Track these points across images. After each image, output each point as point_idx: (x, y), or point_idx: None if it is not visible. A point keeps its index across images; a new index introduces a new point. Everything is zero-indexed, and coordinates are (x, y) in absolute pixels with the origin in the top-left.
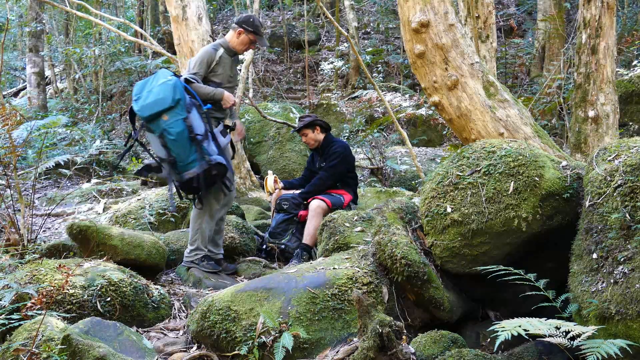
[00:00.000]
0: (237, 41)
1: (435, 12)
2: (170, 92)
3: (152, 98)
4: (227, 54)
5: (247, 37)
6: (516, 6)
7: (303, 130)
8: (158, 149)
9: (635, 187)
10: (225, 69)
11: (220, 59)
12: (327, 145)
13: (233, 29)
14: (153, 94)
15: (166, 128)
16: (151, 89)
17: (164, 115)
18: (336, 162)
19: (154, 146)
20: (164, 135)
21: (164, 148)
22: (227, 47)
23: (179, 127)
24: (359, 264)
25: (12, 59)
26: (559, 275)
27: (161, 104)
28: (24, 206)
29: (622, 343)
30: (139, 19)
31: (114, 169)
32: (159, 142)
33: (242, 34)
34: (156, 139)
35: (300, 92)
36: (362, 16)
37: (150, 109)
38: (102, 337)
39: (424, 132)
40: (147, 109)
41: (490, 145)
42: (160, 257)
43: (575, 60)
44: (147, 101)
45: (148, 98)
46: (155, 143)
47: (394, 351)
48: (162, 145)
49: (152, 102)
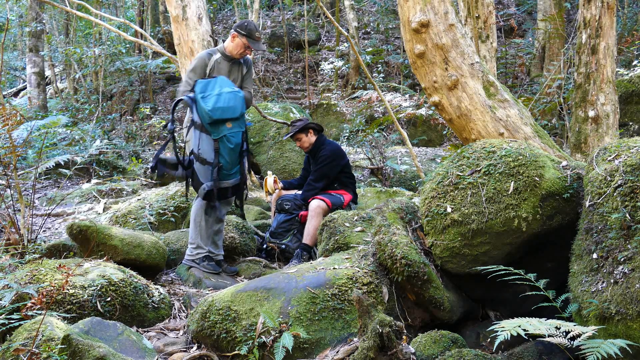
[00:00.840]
0: (232, 45)
1: (435, 12)
2: (240, 103)
3: (223, 103)
4: (225, 59)
5: (240, 41)
6: (516, 6)
7: (297, 135)
8: (206, 151)
9: (636, 187)
10: (220, 74)
11: (215, 64)
12: (318, 148)
13: (229, 37)
14: (224, 100)
15: (227, 135)
16: (220, 93)
17: (229, 123)
18: (322, 166)
19: (202, 147)
20: (223, 141)
21: (214, 152)
22: (224, 52)
23: (239, 138)
24: (359, 264)
25: (12, 59)
26: (559, 275)
27: (232, 112)
28: (24, 206)
29: (622, 343)
30: (139, 19)
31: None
32: (212, 145)
33: (236, 37)
34: (210, 141)
35: (300, 92)
36: (362, 16)
37: (222, 112)
38: (102, 337)
39: (424, 132)
40: (218, 112)
41: (491, 145)
42: (160, 257)
43: (575, 60)
44: (218, 104)
45: (219, 102)
46: (206, 145)
47: (394, 351)
48: (214, 148)
49: (224, 107)
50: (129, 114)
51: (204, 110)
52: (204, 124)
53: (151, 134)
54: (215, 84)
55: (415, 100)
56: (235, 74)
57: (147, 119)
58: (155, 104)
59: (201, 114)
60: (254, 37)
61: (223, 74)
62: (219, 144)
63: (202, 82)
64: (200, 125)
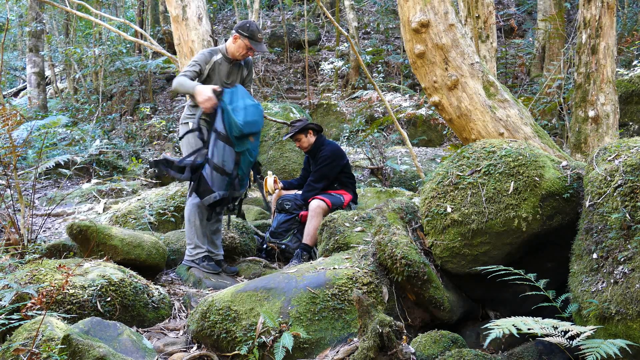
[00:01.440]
0: (234, 47)
1: (435, 12)
2: (262, 117)
3: (251, 117)
4: (225, 60)
5: (242, 42)
6: (516, 6)
7: (297, 136)
8: (228, 162)
9: (636, 187)
10: (220, 75)
11: (215, 64)
12: (317, 148)
13: (231, 35)
14: (251, 113)
15: (250, 149)
16: (246, 106)
17: (251, 137)
18: (322, 167)
19: (224, 157)
20: (245, 154)
21: (234, 164)
22: (225, 53)
23: (257, 151)
24: (359, 264)
25: (12, 59)
26: (559, 275)
27: (256, 126)
28: (24, 206)
29: (622, 343)
30: (139, 19)
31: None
32: (233, 157)
33: (238, 39)
34: (232, 153)
35: (300, 92)
36: (362, 16)
37: (250, 126)
38: (102, 337)
39: (424, 132)
40: (248, 126)
41: (491, 145)
42: (160, 257)
43: (575, 60)
44: (248, 118)
45: (247, 115)
46: (228, 156)
47: (394, 351)
48: (234, 160)
49: (251, 121)
50: (129, 114)
51: (235, 123)
52: (231, 135)
53: (151, 134)
54: (239, 95)
55: (415, 100)
56: (235, 75)
57: (147, 119)
58: (155, 104)
59: (231, 126)
60: (256, 39)
61: (222, 75)
62: (240, 157)
63: (229, 92)
64: (225, 137)
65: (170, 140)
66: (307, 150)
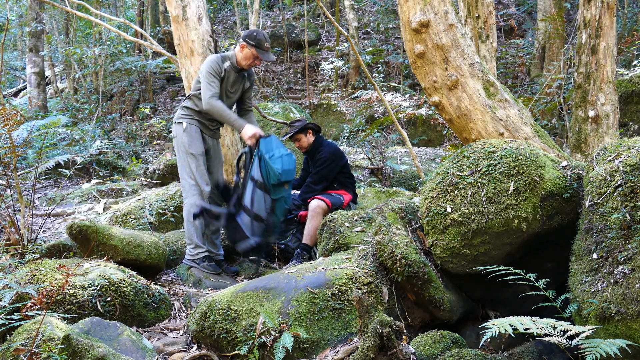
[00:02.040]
0: (242, 56)
1: (435, 12)
2: (294, 166)
3: (287, 166)
4: (233, 69)
5: (249, 51)
6: (516, 6)
7: (296, 136)
8: (262, 209)
9: (636, 187)
10: (227, 84)
11: (226, 72)
12: (316, 148)
13: (238, 44)
14: (286, 163)
15: (285, 196)
16: (282, 155)
17: (286, 185)
18: (321, 168)
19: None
20: (281, 201)
21: (270, 211)
22: (234, 61)
23: (291, 198)
24: (359, 264)
25: (12, 59)
26: (559, 275)
27: (291, 175)
28: (24, 206)
29: (622, 343)
30: (139, 19)
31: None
32: (269, 204)
33: (245, 48)
34: (268, 199)
35: (300, 92)
36: (362, 16)
37: (287, 175)
38: (102, 337)
39: (424, 132)
40: (285, 175)
41: (491, 145)
42: (160, 257)
43: (575, 60)
44: (285, 167)
45: (284, 165)
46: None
47: (394, 351)
48: (270, 207)
49: (288, 169)
50: (129, 114)
51: (274, 171)
52: (268, 183)
53: (151, 134)
54: (273, 145)
55: (415, 100)
56: (238, 85)
57: (147, 119)
58: (155, 104)
59: (269, 174)
60: (264, 48)
61: (229, 83)
62: (276, 204)
63: (264, 142)
64: (262, 184)
65: (170, 140)
66: (305, 150)
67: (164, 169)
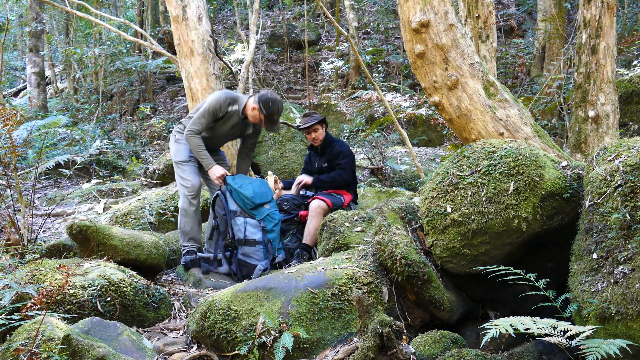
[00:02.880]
0: (251, 113)
1: (435, 12)
2: (268, 188)
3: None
4: (238, 114)
5: (259, 115)
6: (516, 6)
7: (315, 126)
8: (255, 232)
9: (636, 187)
10: (227, 124)
11: (228, 114)
12: (329, 144)
13: (253, 99)
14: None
15: (270, 213)
16: (251, 182)
17: (266, 205)
18: (348, 161)
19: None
20: (267, 219)
21: (262, 231)
22: (241, 108)
23: (278, 215)
24: (359, 264)
25: (12, 59)
26: (559, 275)
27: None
28: (24, 206)
29: (622, 343)
30: (139, 19)
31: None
32: (259, 226)
33: (256, 110)
34: (256, 222)
35: (300, 92)
36: (362, 16)
37: (261, 197)
38: (102, 337)
39: (424, 132)
40: (258, 197)
41: (491, 145)
42: (160, 257)
43: (575, 60)
44: (256, 190)
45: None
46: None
47: (394, 351)
48: (261, 229)
49: (260, 192)
50: (129, 114)
51: (246, 197)
52: (246, 209)
53: (151, 134)
54: (241, 177)
55: (415, 100)
56: (238, 128)
57: (147, 119)
58: (155, 104)
59: (242, 201)
60: (273, 120)
61: (228, 125)
62: (265, 222)
63: (232, 177)
64: (242, 212)
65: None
66: (317, 144)
67: (164, 169)
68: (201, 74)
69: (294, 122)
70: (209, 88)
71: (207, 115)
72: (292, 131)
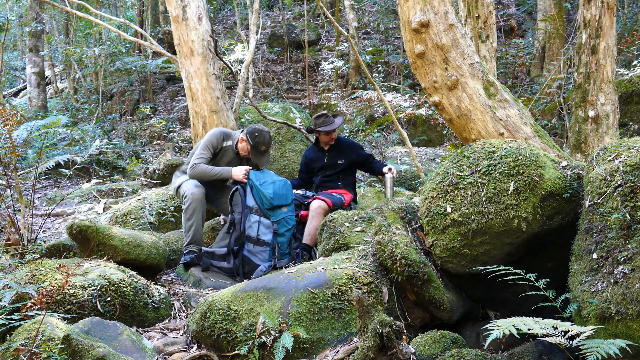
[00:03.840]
0: (240, 145)
1: (435, 12)
2: (290, 191)
3: (280, 191)
4: (232, 150)
5: (246, 147)
6: (516, 6)
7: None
8: (265, 233)
9: (636, 187)
10: (224, 160)
11: (223, 149)
12: (339, 141)
13: (243, 133)
14: (279, 187)
15: (286, 217)
16: (274, 181)
17: (284, 208)
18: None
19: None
20: (282, 223)
21: (273, 234)
22: (235, 143)
23: (294, 220)
24: (359, 264)
25: (12, 59)
26: (559, 275)
27: (285, 199)
28: (24, 206)
29: (622, 343)
30: (139, 19)
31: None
32: (271, 228)
33: (244, 142)
34: (269, 223)
35: (300, 92)
36: (362, 16)
37: (280, 199)
38: (102, 337)
39: (424, 132)
40: (277, 199)
41: (491, 145)
42: (160, 257)
43: (575, 60)
44: (277, 192)
45: (276, 189)
46: (265, 227)
47: (394, 351)
48: (272, 231)
49: (280, 194)
50: (129, 114)
51: (265, 196)
52: (263, 208)
53: (151, 134)
54: (266, 174)
55: (415, 100)
56: (234, 164)
57: (147, 119)
58: (155, 104)
59: (260, 199)
60: (259, 150)
61: (225, 161)
62: (278, 225)
63: (255, 172)
64: (258, 210)
65: (170, 140)
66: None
67: (164, 169)
68: (201, 74)
69: (294, 122)
70: (209, 88)
71: (206, 149)
72: (292, 131)
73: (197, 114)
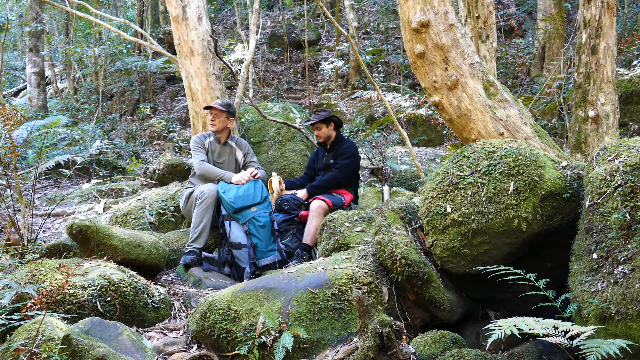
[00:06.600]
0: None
1: (435, 12)
2: (259, 190)
3: (243, 192)
4: (216, 142)
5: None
6: (516, 6)
7: (318, 124)
8: (239, 236)
9: (636, 187)
10: (213, 155)
11: (211, 146)
12: (338, 142)
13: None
14: (243, 189)
15: (255, 216)
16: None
17: (254, 207)
18: (349, 162)
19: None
20: (252, 222)
21: (246, 234)
22: (214, 135)
23: (267, 218)
24: (359, 264)
25: (12, 59)
26: (559, 275)
27: (252, 199)
28: (24, 206)
29: (622, 343)
30: (139, 19)
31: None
32: (242, 230)
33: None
34: (239, 226)
35: (300, 92)
36: (362, 16)
37: (242, 200)
38: (102, 337)
39: (424, 132)
40: (239, 201)
41: (491, 145)
42: (160, 257)
43: (575, 60)
44: (239, 194)
45: (239, 192)
46: (237, 230)
47: (394, 351)
48: (244, 232)
49: (243, 195)
50: (129, 114)
51: (226, 201)
52: (230, 213)
53: (151, 134)
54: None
55: (415, 100)
56: (226, 156)
57: (147, 119)
58: (155, 104)
59: (226, 206)
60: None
61: (215, 155)
62: (248, 226)
63: (222, 183)
64: (228, 216)
65: (170, 140)
66: (323, 142)
67: (164, 169)
68: (201, 74)
69: (294, 122)
70: (209, 88)
71: (198, 151)
72: (292, 131)
73: (197, 114)
